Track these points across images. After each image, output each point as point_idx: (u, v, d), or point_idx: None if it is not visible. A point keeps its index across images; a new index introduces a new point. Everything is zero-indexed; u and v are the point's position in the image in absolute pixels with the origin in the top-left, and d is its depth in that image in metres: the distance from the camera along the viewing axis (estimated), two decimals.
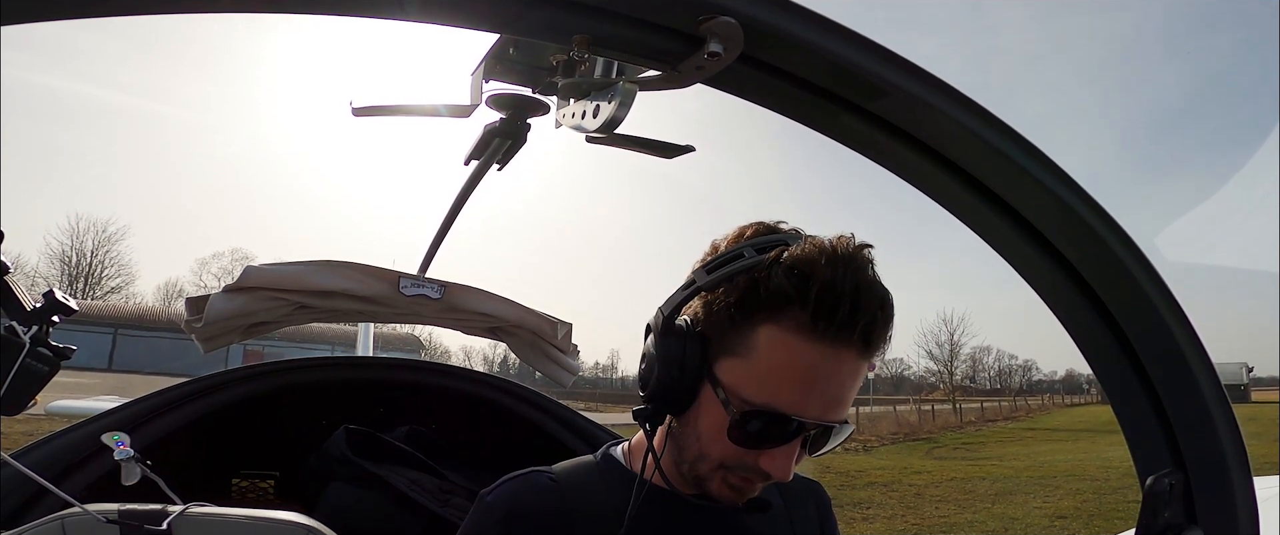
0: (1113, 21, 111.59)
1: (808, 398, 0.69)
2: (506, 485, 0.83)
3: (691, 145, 0.97)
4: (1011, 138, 0.67)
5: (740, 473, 0.73)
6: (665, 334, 0.74)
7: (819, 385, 0.69)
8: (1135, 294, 0.74)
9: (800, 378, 0.69)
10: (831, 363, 0.69)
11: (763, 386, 0.70)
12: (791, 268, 0.69)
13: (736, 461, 0.73)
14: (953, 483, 11.13)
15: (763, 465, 0.71)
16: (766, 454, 0.71)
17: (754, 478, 0.73)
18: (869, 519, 8.39)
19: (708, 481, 0.75)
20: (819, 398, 0.69)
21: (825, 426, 0.71)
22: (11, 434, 6.09)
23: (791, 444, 0.71)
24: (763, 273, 0.70)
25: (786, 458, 0.71)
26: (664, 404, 0.75)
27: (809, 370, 0.69)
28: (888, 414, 26.41)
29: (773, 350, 0.69)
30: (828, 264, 0.68)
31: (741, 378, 0.71)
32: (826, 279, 0.67)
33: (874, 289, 0.69)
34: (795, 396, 0.69)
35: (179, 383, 1.94)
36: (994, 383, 68.23)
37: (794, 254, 0.70)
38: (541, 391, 2.25)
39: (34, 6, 0.46)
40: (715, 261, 0.74)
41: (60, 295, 1.07)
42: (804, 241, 0.72)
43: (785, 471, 0.71)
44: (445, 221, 1.61)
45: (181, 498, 1.24)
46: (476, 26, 0.54)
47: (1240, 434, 0.78)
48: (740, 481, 0.74)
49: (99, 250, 41.25)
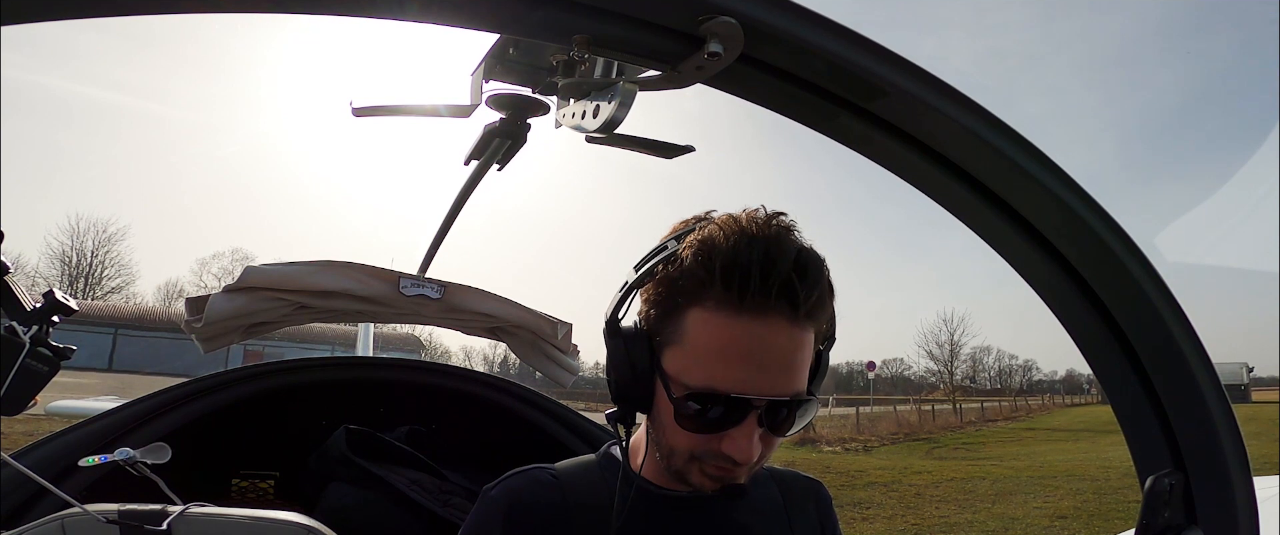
0: (1113, 21, 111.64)
1: (743, 373, 0.69)
2: (509, 480, 0.84)
3: (691, 145, 0.97)
4: (1011, 138, 0.67)
5: (710, 461, 0.73)
6: (612, 336, 0.75)
7: (752, 357, 0.69)
8: (1135, 294, 0.74)
9: (731, 353, 0.69)
10: (759, 333, 0.69)
11: (699, 368, 0.70)
12: (697, 249, 0.71)
13: (702, 449, 0.73)
14: (953, 483, 11.13)
15: (725, 449, 0.71)
16: (726, 437, 0.71)
17: (724, 463, 0.73)
18: (869, 519, 8.39)
19: (687, 474, 0.76)
20: (755, 370, 0.69)
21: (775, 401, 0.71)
22: (11, 434, 6.09)
23: (746, 423, 0.71)
24: (678, 260, 0.72)
25: (744, 438, 0.71)
26: (627, 404, 0.75)
27: (736, 344, 0.69)
28: (888, 414, 26.42)
29: (700, 331, 0.70)
30: (729, 238, 0.69)
31: (680, 365, 0.72)
32: (729, 252, 0.68)
33: (785, 252, 0.69)
34: (730, 373, 0.69)
35: (179, 383, 1.94)
36: (994, 383, 68.25)
37: (700, 236, 0.71)
38: (541, 391, 2.25)
39: (34, 6, 0.46)
40: (643, 258, 0.76)
41: (60, 295, 1.07)
42: (710, 222, 0.73)
43: (745, 452, 0.71)
44: (445, 221, 1.61)
45: (181, 498, 1.24)
46: (476, 26, 0.54)
47: (1240, 434, 0.78)
48: (716, 469, 0.74)
49: (99, 250, 41.30)
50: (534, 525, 0.80)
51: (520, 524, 0.80)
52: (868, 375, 40.23)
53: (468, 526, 0.83)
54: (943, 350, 53.18)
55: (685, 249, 0.72)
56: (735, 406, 0.70)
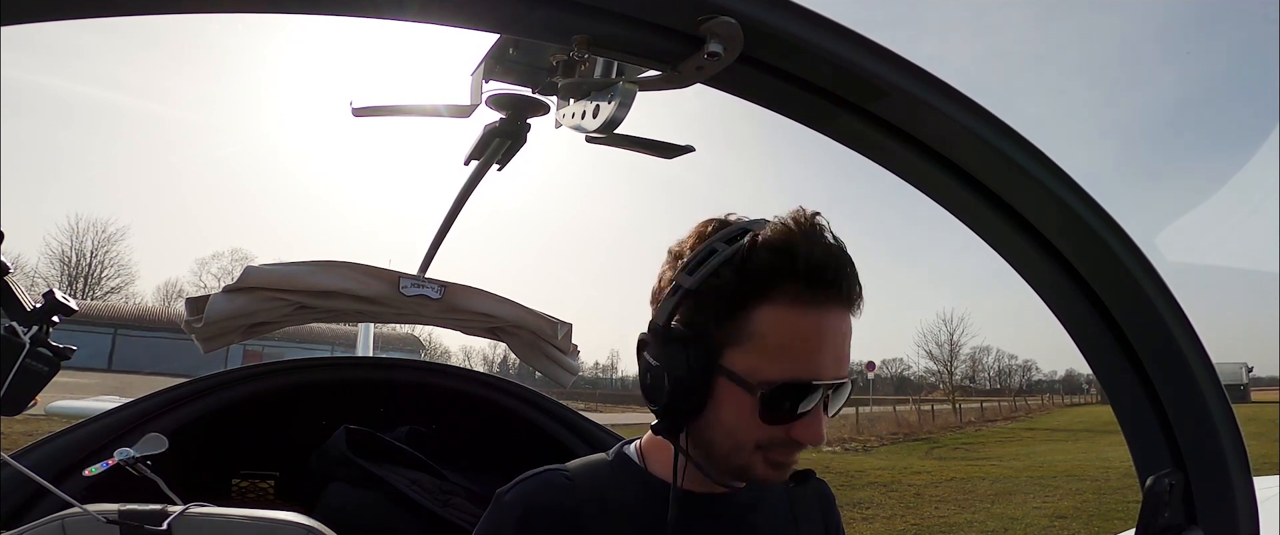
0: (1113, 22, 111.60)
1: (820, 360, 0.73)
2: (523, 484, 0.84)
3: (691, 145, 0.97)
4: (1011, 138, 0.67)
5: (777, 449, 0.77)
6: (666, 342, 0.76)
7: (826, 346, 0.74)
8: (1135, 294, 0.74)
9: (809, 344, 0.73)
10: (829, 323, 0.74)
11: (778, 362, 0.73)
12: (772, 246, 0.73)
13: (770, 439, 0.76)
14: (952, 483, 11.12)
15: (796, 436, 0.75)
16: (798, 424, 0.75)
17: (791, 450, 0.77)
18: (869, 519, 8.39)
19: (751, 468, 0.78)
20: (829, 358, 0.74)
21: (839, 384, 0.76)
22: (11, 434, 6.09)
23: (817, 409, 0.75)
24: (745, 258, 0.74)
25: (817, 422, 0.75)
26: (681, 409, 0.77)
27: (814, 335, 0.73)
28: (887, 414, 26.41)
29: (776, 327, 0.73)
30: (803, 236, 0.73)
31: (754, 361, 0.74)
32: (806, 249, 0.73)
33: (842, 250, 0.75)
34: (809, 362, 0.73)
35: (179, 383, 1.94)
36: (994, 383, 68.31)
37: (769, 235, 0.74)
38: (541, 391, 2.25)
39: (34, 6, 0.46)
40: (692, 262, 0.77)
41: (60, 295, 1.07)
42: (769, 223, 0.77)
43: (819, 436, 0.75)
44: (445, 221, 1.61)
45: (181, 498, 1.24)
46: (476, 26, 0.54)
47: (1240, 434, 0.78)
48: (781, 457, 0.77)
49: (99, 250, 41.32)
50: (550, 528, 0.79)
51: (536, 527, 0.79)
52: (867, 375, 40.22)
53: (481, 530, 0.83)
54: (942, 350, 53.24)
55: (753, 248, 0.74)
56: (814, 393, 0.74)
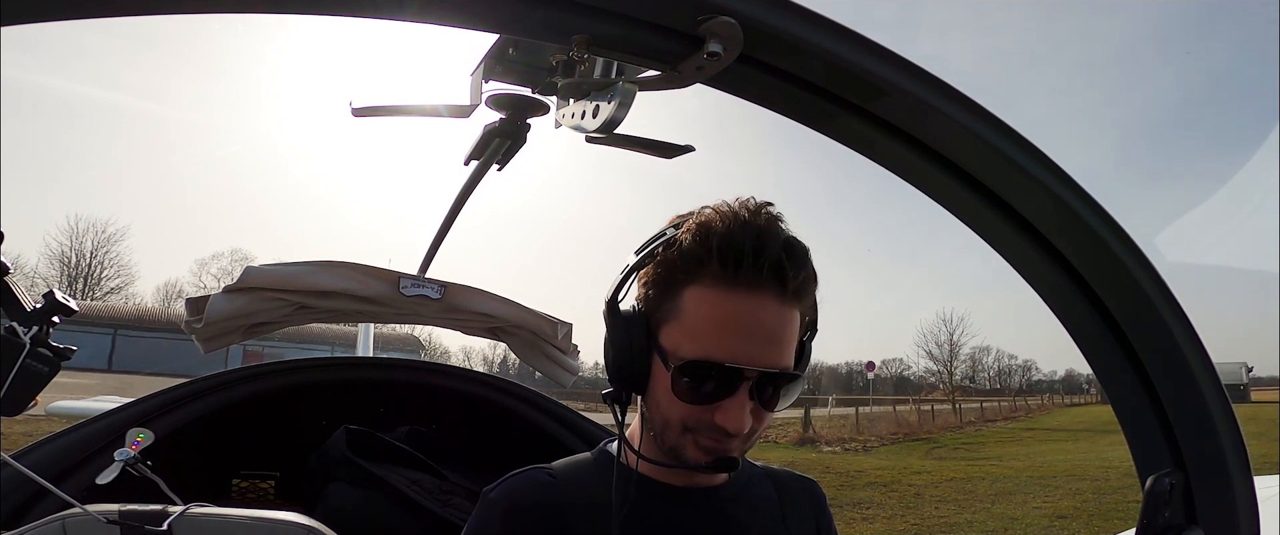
0: (1113, 22, 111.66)
1: (735, 343, 0.74)
2: (508, 482, 0.86)
3: (691, 145, 0.97)
4: (1011, 138, 0.67)
5: (703, 433, 0.77)
6: (612, 316, 0.80)
7: (743, 330, 0.74)
8: (1135, 294, 0.74)
9: (725, 325, 0.74)
10: (750, 307, 0.74)
11: (695, 340, 0.75)
12: (696, 231, 0.77)
13: (695, 420, 0.77)
14: (952, 483, 11.12)
15: (717, 420, 0.75)
16: (718, 408, 0.75)
17: (717, 434, 0.77)
18: (869, 519, 8.39)
19: (681, 449, 0.79)
20: (746, 342, 0.74)
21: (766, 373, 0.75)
22: (11, 434, 6.09)
23: (738, 394, 0.75)
24: (677, 242, 0.78)
25: (737, 409, 0.75)
26: (624, 382, 0.80)
27: (730, 317, 0.74)
28: (887, 414, 26.40)
29: (696, 306, 0.76)
30: (724, 221, 0.76)
31: (677, 338, 0.77)
32: (724, 232, 0.75)
33: (775, 236, 0.76)
34: (724, 344, 0.74)
35: (179, 383, 1.94)
36: (994, 383, 68.29)
37: (696, 220, 0.78)
38: (541, 391, 2.25)
39: (34, 6, 0.46)
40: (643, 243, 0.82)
41: (60, 296, 1.07)
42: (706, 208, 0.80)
43: (738, 422, 0.75)
44: (445, 221, 1.61)
45: (182, 498, 1.24)
46: (476, 26, 0.54)
47: (1240, 434, 0.78)
48: (709, 441, 0.78)
49: (99, 251, 41.29)
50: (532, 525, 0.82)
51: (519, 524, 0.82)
52: (867, 375, 40.23)
53: (469, 529, 0.85)
54: (942, 350, 53.30)
55: (684, 232, 0.78)
56: (728, 376, 0.74)
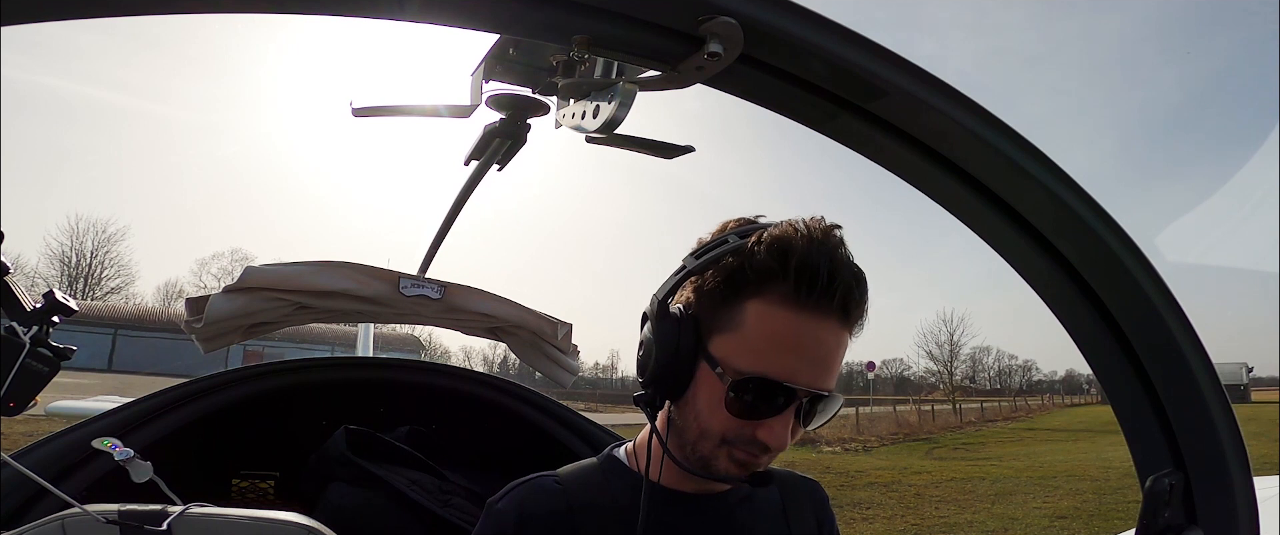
0: (1113, 22, 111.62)
1: (796, 364, 0.73)
2: (515, 491, 0.85)
3: (691, 145, 0.97)
4: (1011, 138, 0.67)
5: (741, 446, 0.76)
6: (660, 318, 0.78)
7: (805, 352, 0.74)
8: (1135, 294, 0.74)
9: (788, 345, 0.73)
10: (815, 330, 0.74)
11: (754, 356, 0.73)
12: (772, 245, 0.74)
13: (736, 434, 0.75)
14: (953, 483, 11.12)
15: (760, 436, 0.74)
16: (763, 425, 0.74)
17: (754, 450, 0.76)
18: (869, 519, 8.39)
19: (713, 460, 0.78)
20: (806, 364, 0.74)
21: (815, 395, 0.75)
22: (11, 434, 6.09)
23: (785, 413, 0.74)
24: (747, 252, 0.76)
25: (783, 427, 0.75)
26: (662, 385, 0.78)
27: (795, 338, 0.73)
28: (888, 414, 26.40)
29: (761, 322, 0.74)
30: (804, 240, 0.74)
31: (733, 351, 0.75)
32: (804, 252, 0.73)
33: (848, 263, 0.75)
34: (784, 364, 0.73)
35: (179, 383, 1.94)
36: (994, 383, 68.25)
37: (773, 234, 0.76)
38: (541, 391, 2.25)
39: (34, 6, 0.46)
40: (703, 248, 0.80)
41: (60, 296, 1.07)
42: (781, 223, 0.78)
43: (782, 440, 0.75)
44: (445, 221, 1.61)
45: (181, 498, 1.24)
46: (476, 26, 0.54)
47: (1240, 434, 0.78)
48: (744, 455, 0.76)
49: (99, 251, 41.31)
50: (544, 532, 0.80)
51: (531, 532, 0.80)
52: (868, 375, 40.21)
53: None
54: (942, 350, 53.10)
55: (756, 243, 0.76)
56: (783, 395, 0.73)
